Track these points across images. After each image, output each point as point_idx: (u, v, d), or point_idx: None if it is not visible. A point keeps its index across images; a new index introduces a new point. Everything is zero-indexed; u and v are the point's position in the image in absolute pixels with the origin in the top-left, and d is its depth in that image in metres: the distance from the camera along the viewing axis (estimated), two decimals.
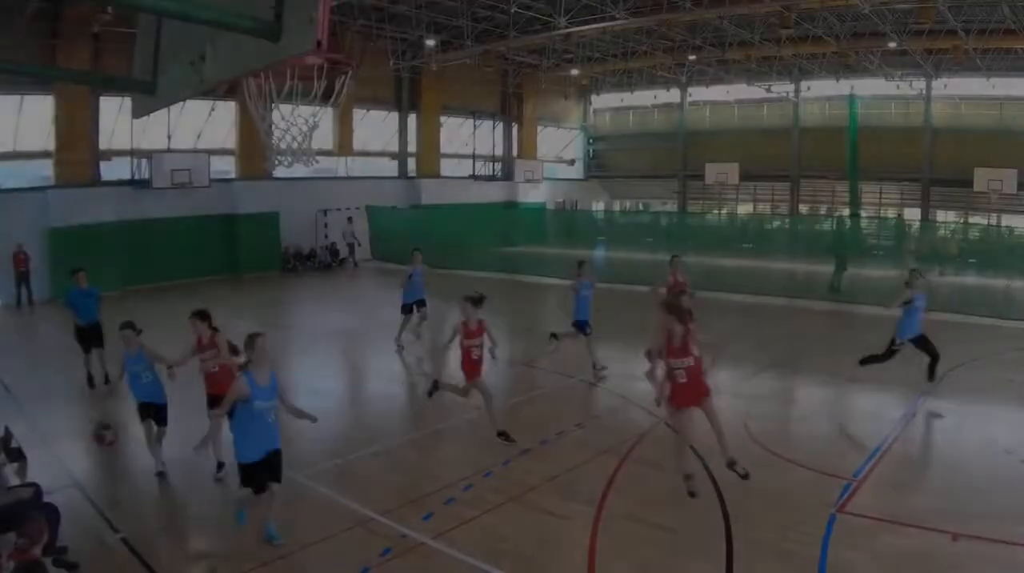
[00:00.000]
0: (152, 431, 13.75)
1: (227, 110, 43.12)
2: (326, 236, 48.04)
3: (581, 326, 20.73)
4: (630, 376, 20.54)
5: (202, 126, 42.87)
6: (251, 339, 10.76)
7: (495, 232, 52.24)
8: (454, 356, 16.29)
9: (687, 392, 12.27)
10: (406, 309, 24.66)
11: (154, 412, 13.80)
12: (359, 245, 48.66)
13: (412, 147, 56.13)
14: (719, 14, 40.54)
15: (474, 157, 61.23)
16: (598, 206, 72.16)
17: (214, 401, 12.87)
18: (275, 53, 6.40)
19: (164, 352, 14.20)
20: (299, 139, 14.02)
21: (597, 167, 74.73)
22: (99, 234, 36.22)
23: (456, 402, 17.41)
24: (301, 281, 41.96)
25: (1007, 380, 19.24)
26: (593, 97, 72.97)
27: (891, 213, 59.80)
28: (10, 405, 17.64)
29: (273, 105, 12.85)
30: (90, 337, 19.93)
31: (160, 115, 37.25)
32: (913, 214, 58.26)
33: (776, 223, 58.03)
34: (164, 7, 6.43)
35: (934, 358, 17.74)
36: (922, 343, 17.80)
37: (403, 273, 25.80)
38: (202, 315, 14.39)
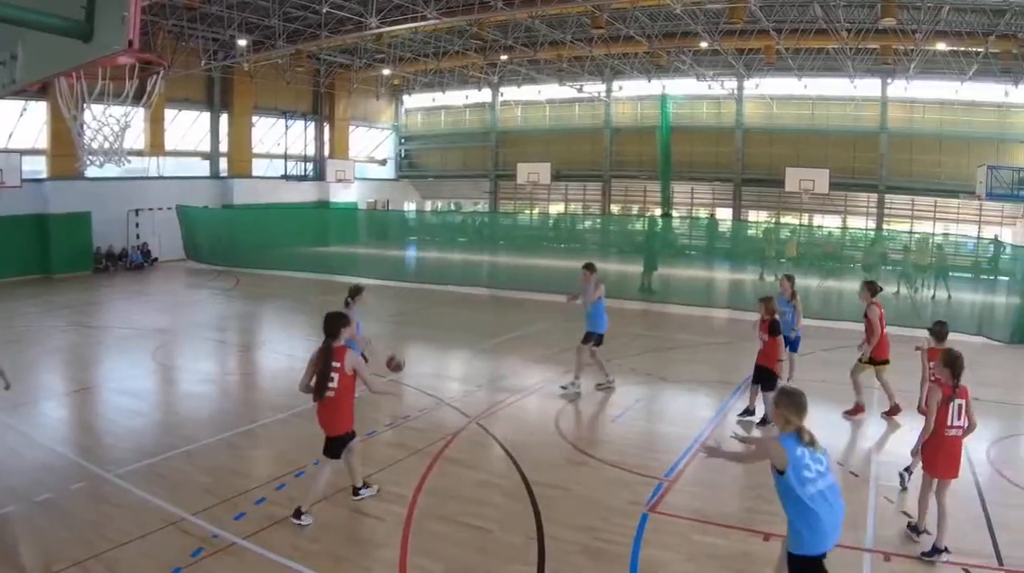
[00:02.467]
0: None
1: (39, 110, 42.16)
2: (138, 236, 47.36)
3: None
4: (441, 376, 20.97)
5: (13, 126, 41.92)
6: None
7: (307, 232, 52.01)
8: None
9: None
10: (594, 339, 19.69)
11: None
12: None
13: (224, 147, 55.75)
14: (530, 14, 40.75)
15: (286, 157, 60.70)
16: (410, 206, 72.67)
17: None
18: (86, 53, 6.33)
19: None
20: (111, 139, 13.90)
21: (409, 167, 75.15)
22: None
23: (266, 402, 17.69)
24: (113, 281, 41.17)
25: (820, 380, 19.69)
26: (405, 97, 73.18)
27: (703, 213, 60.71)
28: None
29: (85, 105, 12.70)
30: None
31: None
32: (725, 214, 59.32)
33: (588, 223, 58.73)
34: None
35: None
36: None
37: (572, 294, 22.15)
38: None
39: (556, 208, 68.36)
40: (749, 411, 17.40)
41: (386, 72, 60.03)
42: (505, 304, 34.21)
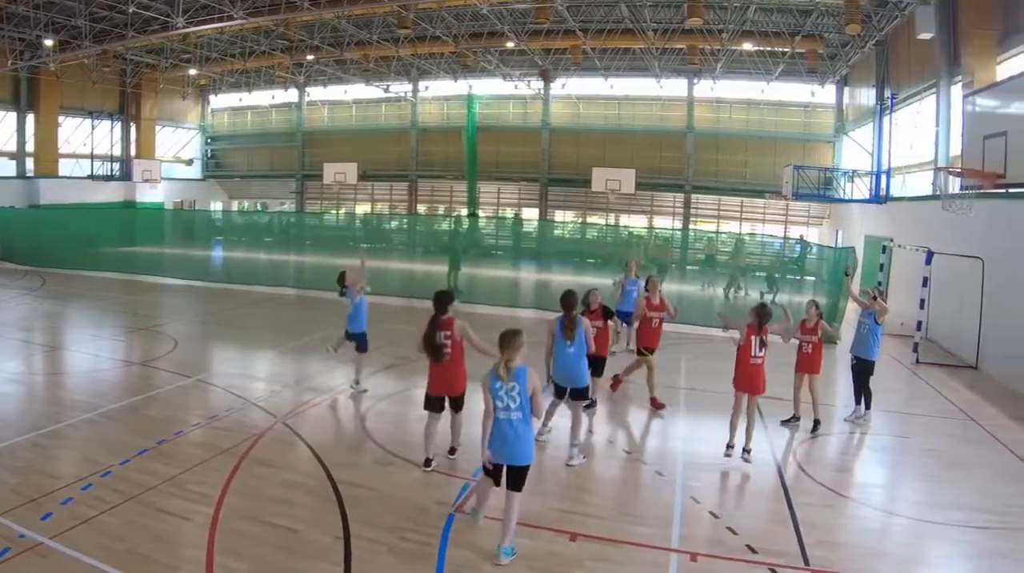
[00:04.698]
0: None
1: None
2: None
3: None
4: (247, 376, 20.92)
5: None
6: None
7: (113, 232, 51.01)
8: None
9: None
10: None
11: None
12: None
13: (30, 147, 54.69)
14: (337, 14, 41.06)
15: (92, 157, 59.83)
16: (216, 206, 72.21)
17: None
18: None
19: None
20: None
21: (215, 167, 74.56)
22: None
23: (72, 403, 17.22)
24: None
25: (629, 381, 19.96)
26: (212, 97, 72.80)
27: (509, 213, 61.29)
28: None
29: None
30: None
31: None
32: (532, 214, 59.90)
33: (395, 223, 58.82)
34: None
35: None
36: None
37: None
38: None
39: (363, 208, 68.72)
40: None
41: (192, 72, 59.54)
42: (312, 304, 34.17)
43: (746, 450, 14.57)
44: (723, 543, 11.41)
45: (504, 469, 10.79)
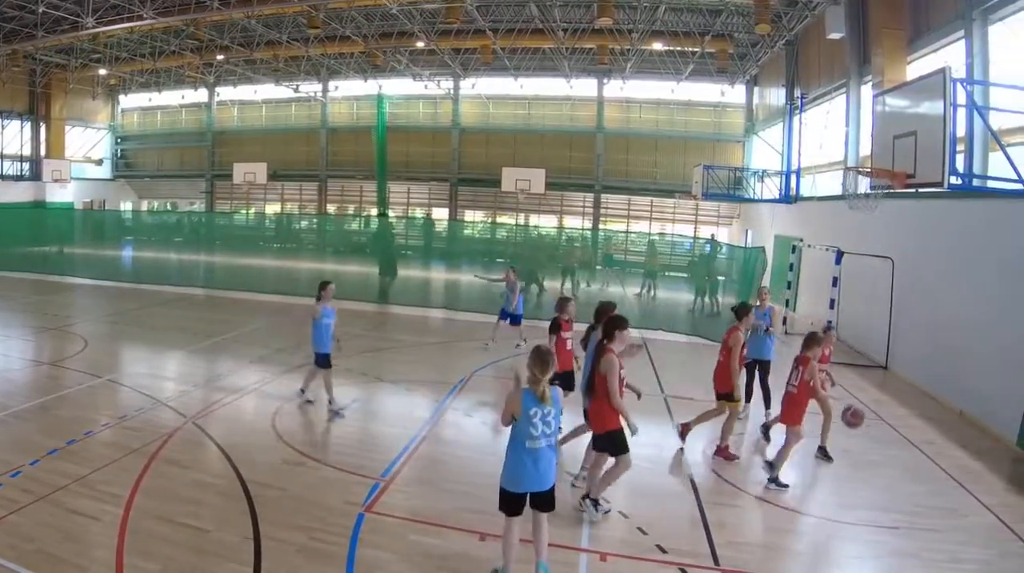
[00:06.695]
0: None
1: None
2: None
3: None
4: (157, 376, 20.61)
5: None
6: None
7: (23, 232, 50.16)
8: None
9: None
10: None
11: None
12: None
13: None
14: (247, 14, 40.87)
15: (1, 157, 59.33)
16: (126, 206, 71.70)
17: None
18: None
19: None
20: None
21: (125, 167, 73.86)
22: None
23: None
24: None
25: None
26: (121, 97, 72.12)
27: (419, 213, 61.41)
28: None
29: None
30: None
31: None
32: (441, 214, 60.26)
33: (304, 223, 58.51)
34: None
35: None
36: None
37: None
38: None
39: (273, 208, 68.53)
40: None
41: (102, 72, 59.14)
42: (222, 304, 34.00)
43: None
44: (633, 543, 11.48)
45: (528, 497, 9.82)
